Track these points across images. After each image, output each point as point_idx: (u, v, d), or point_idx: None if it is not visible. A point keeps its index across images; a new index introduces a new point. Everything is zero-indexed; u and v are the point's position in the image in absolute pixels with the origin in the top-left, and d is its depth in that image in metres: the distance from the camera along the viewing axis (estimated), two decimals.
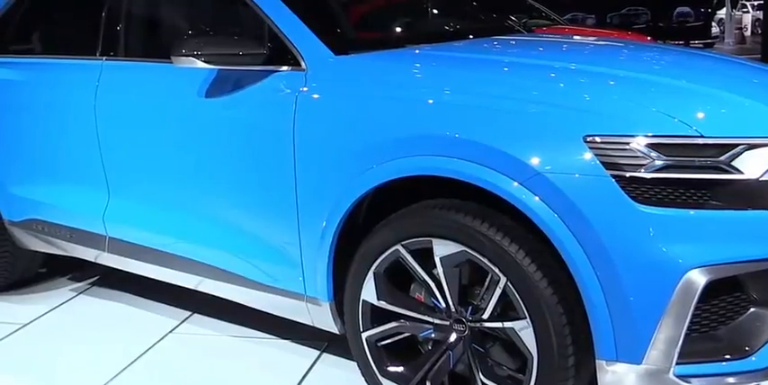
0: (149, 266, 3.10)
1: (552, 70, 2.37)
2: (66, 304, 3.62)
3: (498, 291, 2.11)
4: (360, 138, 2.31)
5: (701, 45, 15.78)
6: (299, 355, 2.96)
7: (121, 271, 3.32)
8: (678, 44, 13.20)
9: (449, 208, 2.19)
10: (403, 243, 2.26)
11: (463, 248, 2.14)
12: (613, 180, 1.93)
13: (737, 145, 1.96)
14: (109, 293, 3.71)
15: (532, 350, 2.08)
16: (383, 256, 2.31)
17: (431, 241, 2.20)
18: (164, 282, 3.16)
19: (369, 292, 2.36)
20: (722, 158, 1.94)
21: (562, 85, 2.20)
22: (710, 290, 1.95)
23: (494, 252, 2.09)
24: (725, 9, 17.18)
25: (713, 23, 16.12)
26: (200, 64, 2.51)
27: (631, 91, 2.15)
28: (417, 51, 2.65)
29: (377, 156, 2.25)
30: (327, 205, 2.38)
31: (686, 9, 11.42)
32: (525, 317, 2.08)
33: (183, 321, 3.34)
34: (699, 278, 1.91)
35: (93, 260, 3.39)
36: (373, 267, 2.33)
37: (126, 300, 3.60)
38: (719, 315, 2.01)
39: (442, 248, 2.19)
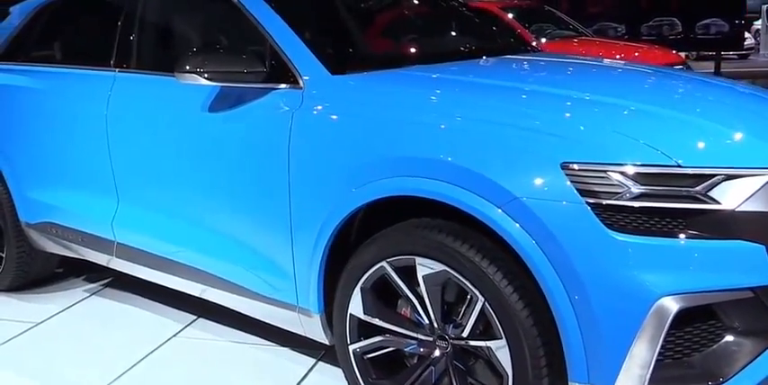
0: (155, 272, 3.21)
1: (535, 94, 2.42)
2: (78, 304, 3.75)
3: (477, 311, 2.16)
4: (349, 158, 2.38)
5: (735, 56, 15.63)
6: (295, 363, 3.03)
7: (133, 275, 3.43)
8: (708, 55, 13.08)
9: (431, 228, 2.24)
10: (388, 260, 2.32)
11: (444, 268, 2.20)
12: (588, 207, 1.97)
13: (715, 175, 1.99)
14: (120, 295, 3.82)
15: (508, 369, 2.13)
16: (369, 272, 2.37)
17: (414, 259, 2.26)
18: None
19: (356, 306, 2.43)
20: (699, 188, 1.98)
21: (542, 110, 2.24)
22: (684, 317, 1.98)
23: (472, 272, 2.14)
24: (761, 20, 16.97)
25: (749, 35, 15.93)
26: (203, 81, 2.60)
27: (611, 118, 2.18)
28: (409, 73, 2.70)
29: (363, 176, 2.32)
30: (318, 221, 2.45)
31: (718, 20, 11.30)
32: (502, 338, 2.13)
33: (187, 325, 3.44)
34: (670, 305, 1.94)
35: (105, 264, 3.50)
36: (360, 282, 2.40)
37: (136, 303, 3.71)
38: (693, 342, 2.04)
39: (425, 267, 2.25)
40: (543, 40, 8.00)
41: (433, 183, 2.17)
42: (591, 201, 1.98)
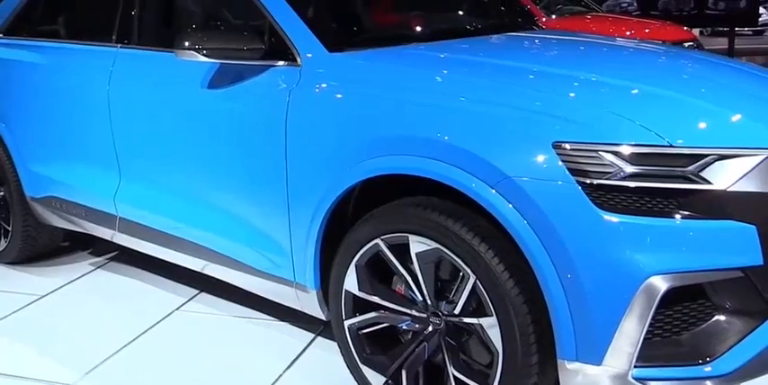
0: (157, 247, 3.25)
1: (531, 74, 2.41)
2: (84, 278, 3.81)
3: (468, 288, 2.19)
4: (344, 135, 2.40)
5: (750, 32, 15.41)
6: (294, 338, 3.08)
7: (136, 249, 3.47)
8: (722, 31, 12.90)
9: (425, 206, 2.26)
10: (382, 237, 2.34)
11: (437, 246, 2.22)
12: (579, 186, 1.98)
13: (707, 155, 1.99)
14: (125, 269, 3.88)
15: (498, 346, 2.15)
16: (364, 249, 2.39)
17: (407, 237, 2.28)
18: None
19: (351, 283, 2.46)
20: (690, 168, 1.98)
21: (536, 89, 2.23)
22: (674, 296, 2.00)
23: (464, 250, 2.16)
24: None
25: (764, 11, 15.69)
26: (201, 58, 2.61)
27: (603, 98, 2.18)
28: (407, 50, 2.70)
29: (358, 154, 2.33)
30: (315, 197, 2.47)
31: None
32: (492, 315, 2.15)
33: (190, 299, 3.49)
34: (659, 285, 1.95)
35: (109, 239, 3.54)
36: (355, 259, 2.42)
37: (140, 277, 3.76)
38: (683, 321, 2.05)
39: (418, 245, 2.27)
40: (553, 16, 7.91)
41: (426, 161, 2.18)
42: (582, 180, 1.98)
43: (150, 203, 3.15)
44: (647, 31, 7.57)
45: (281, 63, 2.61)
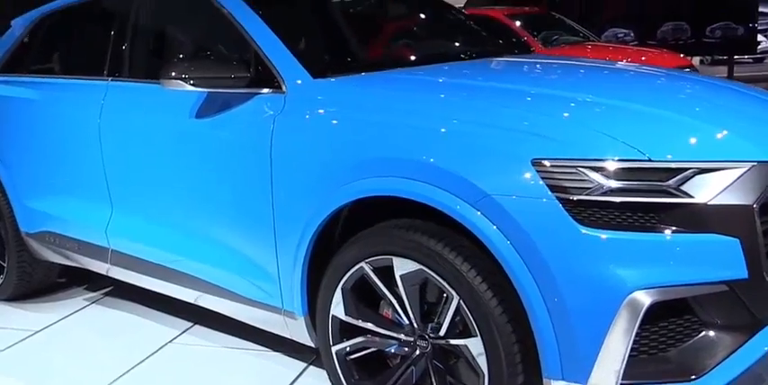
0: (149, 279, 3.24)
1: (512, 94, 2.42)
2: (78, 313, 3.80)
3: (452, 309, 2.17)
4: (326, 159, 2.41)
5: (750, 60, 15.49)
6: (286, 367, 3.05)
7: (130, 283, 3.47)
8: (723, 59, 12.98)
9: (408, 227, 2.26)
10: (367, 260, 2.34)
11: (420, 267, 2.21)
12: (559, 203, 1.97)
13: (687, 169, 1.99)
14: (120, 303, 3.87)
15: (483, 367, 2.13)
16: (350, 273, 2.39)
17: (392, 259, 2.28)
18: None
19: (337, 308, 2.44)
20: (670, 182, 1.97)
21: (515, 108, 2.24)
22: (659, 311, 1.98)
23: (447, 271, 2.15)
24: None
25: (763, 38, 15.78)
26: (188, 87, 2.64)
27: (582, 115, 2.19)
28: (386, 75, 2.73)
29: (340, 178, 2.34)
30: (301, 222, 2.47)
31: (730, 23, 11.22)
32: (477, 336, 2.13)
33: (183, 331, 3.47)
34: (643, 299, 1.94)
35: (105, 273, 3.54)
36: (341, 283, 2.42)
37: (135, 311, 3.75)
38: (669, 337, 2.03)
39: (402, 266, 2.26)
40: (549, 46, 7.99)
41: (407, 182, 2.18)
42: (562, 196, 1.98)
43: (141, 235, 3.16)
44: (643, 58, 7.63)
45: (266, 90, 2.64)
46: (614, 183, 1.97)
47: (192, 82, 2.64)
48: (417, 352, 2.33)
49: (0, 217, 3.85)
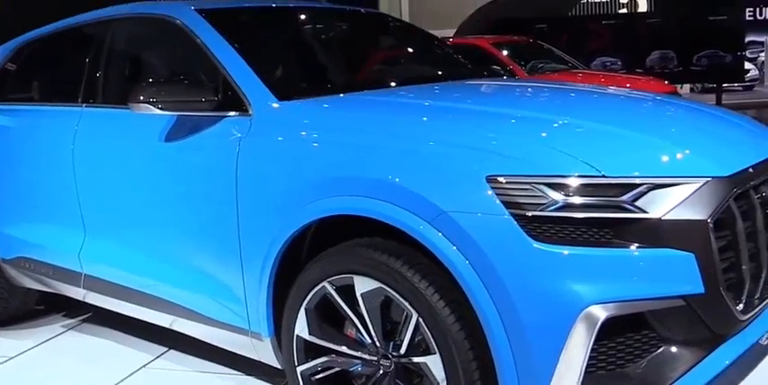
0: (123, 304, 3.23)
1: (468, 113, 2.46)
2: (54, 339, 3.78)
3: (411, 327, 2.17)
4: (287, 180, 2.43)
5: (740, 88, 15.64)
6: None
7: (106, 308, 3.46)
8: (709, 87, 13.10)
9: (368, 246, 2.27)
10: (329, 279, 2.35)
11: (380, 285, 2.22)
12: (513, 219, 1.99)
13: (640, 184, 2.00)
14: (97, 329, 3.85)
15: (442, 384, 2.12)
16: (313, 292, 2.39)
17: (352, 278, 2.28)
18: None
19: (301, 327, 2.44)
20: (624, 198, 1.99)
21: (471, 126, 2.27)
22: (617, 327, 1.99)
23: (406, 288, 2.16)
24: (765, 52, 16.99)
25: (752, 66, 15.95)
26: (156, 111, 2.67)
27: (536, 132, 2.21)
28: (348, 97, 2.76)
29: (302, 198, 2.36)
30: (265, 243, 2.48)
31: (717, 51, 11.35)
32: (435, 353, 2.13)
33: (158, 356, 3.46)
34: (598, 314, 1.94)
35: (82, 299, 3.53)
36: (305, 303, 2.42)
37: (112, 336, 3.74)
38: (627, 352, 2.03)
39: (362, 285, 2.26)
40: (535, 74, 8.07)
41: (364, 200, 2.20)
42: (517, 212, 1.99)
43: (113, 259, 3.17)
44: (628, 85, 7.70)
45: (232, 113, 2.67)
46: (569, 199, 1.99)
47: (160, 106, 2.67)
48: (381, 371, 2.32)
49: None
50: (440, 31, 12.36)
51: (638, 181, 2.01)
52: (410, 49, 3.63)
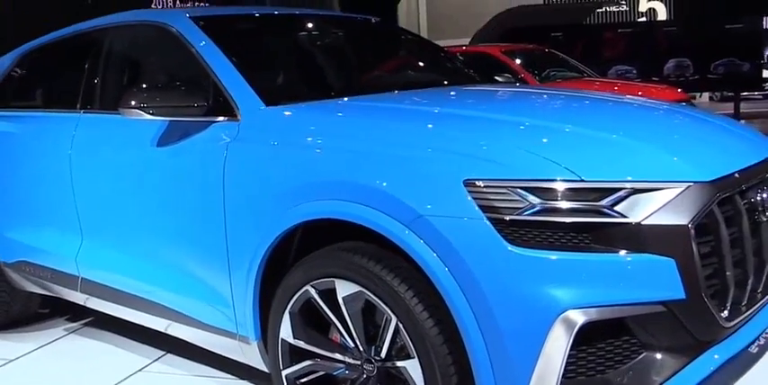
0: (120, 308, 3.26)
1: (448, 117, 2.46)
2: (55, 342, 3.82)
3: (391, 331, 2.17)
4: (271, 184, 2.44)
5: (759, 96, 15.48)
6: None
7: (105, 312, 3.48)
8: (728, 96, 12.97)
9: (349, 250, 2.27)
10: (312, 283, 2.35)
11: (360, 288, 2.22)
12: (490, 223, 1.98)
13: (620, 189, 1.99)
14: (99, 333, 3.89)
15: None
16: (296, 296, 2.40)
17: (333, 282, 2.29)
18: None
19: (286, 331, 2.45)
20: (604, 202, 1.98)
21: (451, 130, 2.27)
22: (597, 332, 1.97)
23: (385, 292, 2.15)
24: None
25: None
26: (146, 116, 2.69)
27: (515, 136, 2.21)
28: (334, 102, 2.78)
29: (285, 202, 2.37)
30: (251, 247, 2.49)
31: (735, 60, 11.26)
32: (414, 357, 2.12)
33: (155, 360, 3.48)
34: (575, 319, 1.93)
35: (82, 304, 3.56)
36: (289, 306, 2.42)
37: (112, 340, 3.77)
38: (607, 358, 2.01)
39: (343, 288, 2.27)
40: (546, 82, 8.05)
41: (344, 204, 2.21)
42: (494, 216, 1.99)
43: (108, 263, 3.20)
44: (640, 93, 7.65)
45: (221, 118, 2.69)
46: (547, 204, 1.98)
47: (151, 111, 2.69)
48: (364, 375, 2.32)
49: None
50: (457, 41, 12.39)
51: (617, 185, 2.00)
52: (401, 55, 3.64)
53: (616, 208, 1.98)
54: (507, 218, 1.98)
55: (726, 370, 2.12)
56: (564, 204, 1.98)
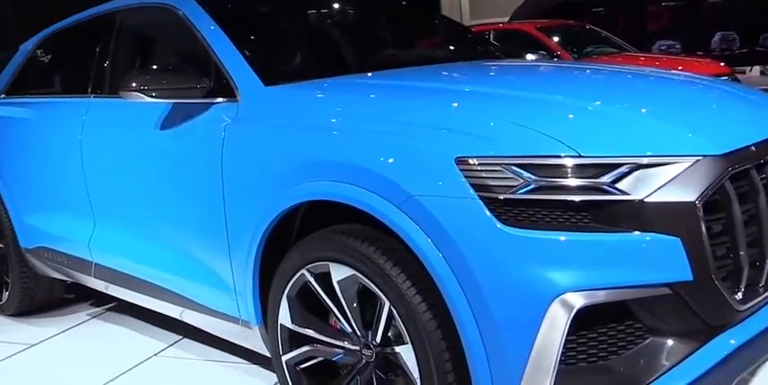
0: (134, 294, 3.25)
1: (443, 93, 2.35)
2: (77, 327, 3.85)
3: (384, 315, 2.10)
4: (268, 165, 2.38)
5: None
6: (257, 378, 3.02)
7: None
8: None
9: (343, 232, 2.20)
10: (307, 267, 2.29)
11: (353, 272, 2.15)
12: (481, 202, 1.88)
13: (621, 165, 1.87)
14: (119, 317, 3.91)
15: (415, 375, 2.05)
16: (293, 280, 2.34)
17: (328, 265, 2.22)
18: None
19: (284, 316, 2.39)
20: (604, 179, 1.86)
21: (442, 106, 2.17)
22: (598, 316, 1.87)
23: (378, 275, 2.08)
24: None
25: None
26: (147, 98, 2.65)
27: (509, 110, 2.08)
28: (333, 80, 2.69)
29: (282, 183, 2.30)
30: (249, 230, 2.44)
31: None
32: (408, 342, 2.05)
33: (171, 345, 3.48)
34: (572, 302, 1.82)
35: (104, 290, 3.56)
36: (286, 291, 2.37)
37: (131, 324, 3.78)
38: (610, 344, 1.91)
39: (337, 272, 2.20)
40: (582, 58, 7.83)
41: (337, 185, 2.13)
42: (487, 195, 1.88)
43: (119, 248, 3.19)
44: (679, 67, 7.39)
45: (221, 99, 2.64)
46: (542, 181, 1.87)
47: (153, 93, 2.65)
48: (363, 361, 2.25)
49: (3, 235, 3.94)
50: (499, 19, 12.15)
51: (618, 160, 1.88)
52: (406, 31, 3.53)
53: (617, 185, 1.86)
54: (501, 197, 1.88)
55: (741, 354, 2.00)
56: (561, 182, 1.87)
